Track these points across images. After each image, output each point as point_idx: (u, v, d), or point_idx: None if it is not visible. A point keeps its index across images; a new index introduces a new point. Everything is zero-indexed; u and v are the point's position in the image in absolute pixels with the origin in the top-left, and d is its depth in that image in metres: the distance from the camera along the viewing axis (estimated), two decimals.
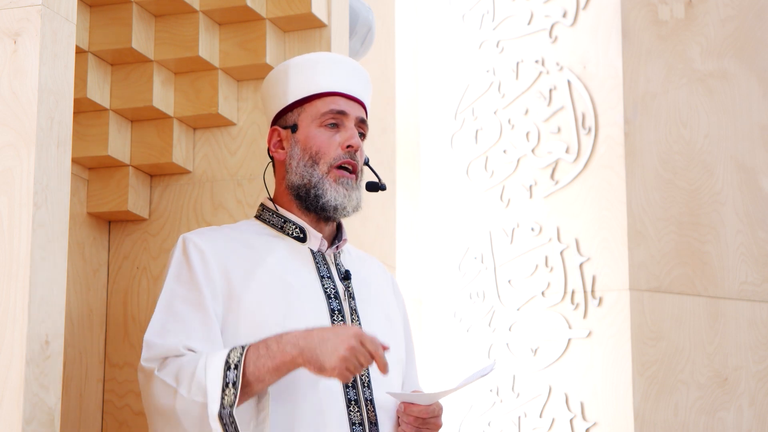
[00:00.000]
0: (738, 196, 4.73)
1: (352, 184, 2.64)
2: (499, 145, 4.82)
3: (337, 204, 2.62)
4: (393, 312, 2.76)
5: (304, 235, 2.66)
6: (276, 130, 2.72)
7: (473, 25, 4.93)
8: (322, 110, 2.65)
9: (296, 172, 2.65)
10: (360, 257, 2.79)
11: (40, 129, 2.30)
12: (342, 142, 2.63)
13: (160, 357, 2.48)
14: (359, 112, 2.68)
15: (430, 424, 2.58)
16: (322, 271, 2.64)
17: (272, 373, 2.41)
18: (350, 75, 2.70)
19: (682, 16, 4.75)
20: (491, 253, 4.76)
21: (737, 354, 4.62)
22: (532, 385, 4.59)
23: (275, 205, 2.70)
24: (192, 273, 2.55)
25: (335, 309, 2.60)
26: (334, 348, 2.36)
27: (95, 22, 3.11)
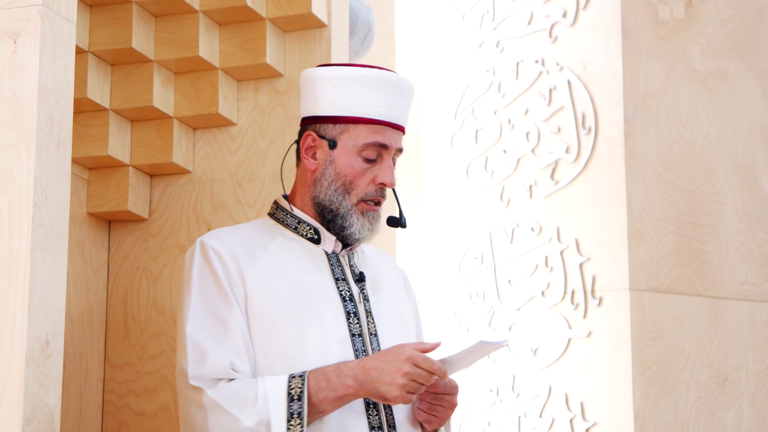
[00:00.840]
0: (738, 196, 4.73)
1: (376, 216, 2.65)
2: (499, 145, 4.82)
3: (361, 237, 2.64)
4: (405, 310, 2.76)
5: (318, 237, 2.66)
6: (311, 135, 2.67)
7: (473, 25, 4.93)
8: (365, 140, 2.61)
9: (325, 192, 2.63)
10: (372, 255, 2.79)
11: (40, 129, 2.30)
12: (375, 178, 2.62)
13: (210, 377, 2.48)
14: (399, 142, 2.65)
15: (444, 401, 2.57)
16: (336, 273, 2.64)
17: (333, 404, 2.46)
18: (399, 99, 2.65)
19: (682, 16, 4.75)
20: (491, 253, 4.76)
21: (737, 354, 4.62)
22: (532, 385, 4.59)
23: (290, 205, 2.69)
24: (218, 282, 2.55)
25: (351, 312, 2.60)
26: (392, 378, 2.42)
27: (95, 22, 3.11)
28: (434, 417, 2.58)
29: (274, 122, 3.23)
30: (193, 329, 2.52)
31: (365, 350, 2.57)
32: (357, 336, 2.58)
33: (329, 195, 2.63)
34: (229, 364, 2.48)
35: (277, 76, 3.24)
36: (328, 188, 2.63)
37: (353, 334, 2.58)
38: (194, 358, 2.49)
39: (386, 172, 2.62)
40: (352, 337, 2.57)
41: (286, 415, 2.42)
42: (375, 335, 2.61)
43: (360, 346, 2.57)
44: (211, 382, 2.48)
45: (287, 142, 3.21)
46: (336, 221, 2.63)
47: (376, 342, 2.60)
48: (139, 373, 3.21)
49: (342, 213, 2.62)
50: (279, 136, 3.22)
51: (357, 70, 2.65)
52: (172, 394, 3.19)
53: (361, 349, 2.57)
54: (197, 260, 2.58)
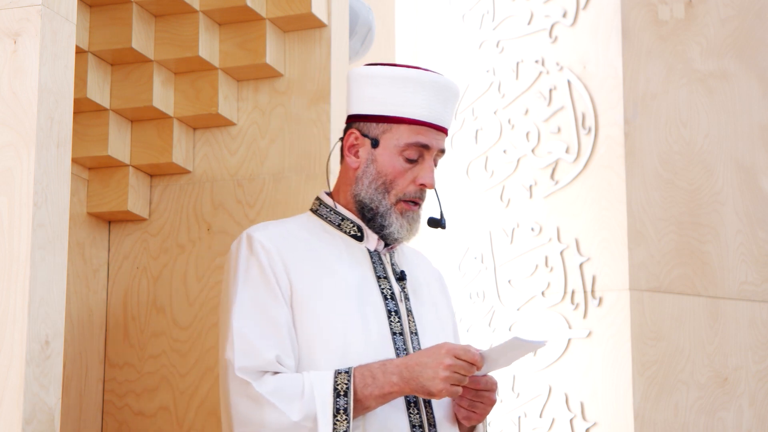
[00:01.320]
0: (738, 196, 4.72)
1: (416, 216, 2.68)
2: (499, 145, 4.82)
3: (400, 237, 2.67)
4: (443, 311, 2.78)
5: (361, 234, 2.67)
6: (354, 133, 2.68)
7: (473, 25, 4.93)
8: (407, 140, 2.63)
9: (366, 190, 2.65)
10: (411, 255, 2.81)
11: (40, 129, 2.30)
12: (416, 179, 2.64)
13: (256, 370, 2.50)
14: (441, 143, 2.67)
15: (483, 398, 2.58)
16: (378, 271, 2.66)
17: (378, 401, 2.49)
18: (444, 101, 2.67)
19: (682, 16, 4.75)
20: (491, 253, 4.76)
21: (737, 354, 4.62)
22: (532, 385, 4.59)
23: (333, 202, 2.70)
24: (264, 275, 2.56)
25: (392, 310, 2.62)
26: (435, 372, 2.45)
27: (95, 22, 3.11)
28: (474, 413, 2.59)
29: (274, 122, 3.23)
30: (240, 322, 2.53)
31: (406, 349, 2.59)
32: (398, 335, 2.60)
33: (370, 193, 2.65)
34: (275, 358, 2.50)
35: (277, 76, 3.24)
36: (369, 186, 2.65)
37: (394, 332, 2.60)
38: (241, 350, 2.51)
39: (427, 172, 2.65)
40: (393, 336, 2.59)
41: (332, 410, 2.44)
42: (415, 334, 2.63)
43: (401, 344, 2.59)
44: (257, 375, 2.49)
45: (287, 142, 3.21)
46: (376, 220, 2.65)
47: (417, 341, 2.62)
48: (139, 373, 3.21)
49: (381, 212, 2.64)
50: (279, 136, 3.22)
51: (401, 70, 2.67)
52: (172, 394, 3.19)
53: (402, 348, 2.59)
54: (243, 253, 2.60)
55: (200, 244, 3.22)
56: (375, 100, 2.66)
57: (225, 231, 3.20)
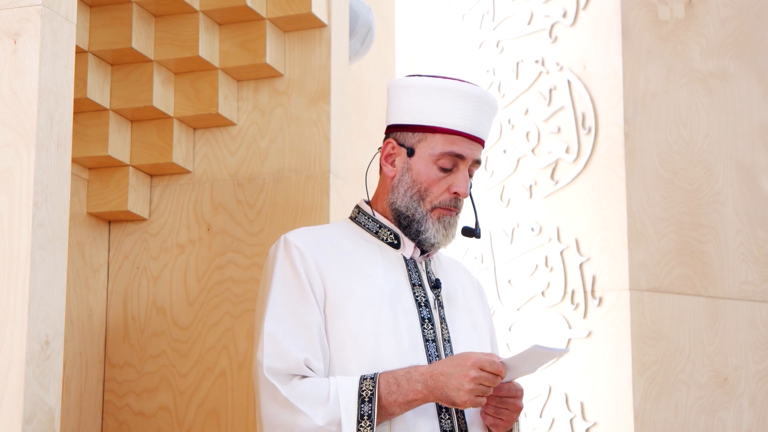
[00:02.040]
0: (738, 196, 4.72)
1: (452, 221, 2.68)
2: (499, 145, 4.82)
3: (436, 242, 2.67)
4: (479, 319, 2.78)
5: (398, 242, 2.69)
6: (391, 143, 2.70)
7: (473, 25, 4.93)
8: (442, 149, 2.64)
9: (401, 198, 2.67)
10: (448, 264, 2.82)
11: (40, 129, 2.30)
12: (450, 187, 2.65)
13: (284, 373, 2.52)
14: (476, 154, 2.68)
15: (509, 404, 2.59)
16: (413, 278, 2.67)
17: (402, 407, 2.50)
18: (480, 112, 2.68)
19: (682, 16, 4.75)
20: (491, 253, 4.76)
21: (737, 354, 4.62)
22: (532, 385, 4.59)
23: (372, 210, 2.72)
24: (299, 280, 2.58)
25: (425, 317, 2.63)
26: (460, 383, 2.46)
27: (95, 22, 3.11)
28: (501, 421, 2.61)
29: (274, 122, 3.23)
30: (271, 325, 2.56)
31: (438, 356, 2.61)
32: (431, 341, 2.61)
33: (405, 201, 2.66)
34: (303, 361, 2.52)
35: (277, 76, 3.24)
36: (405, 195, 2.67)
37: (427, 339, 2.61)
38: (270, 352, 2.53)
39: (461, 182, 2.65)
40: (426, 343, 2.61)
41: (357, 416, 2.46)
42: (448, 341, 2.64)
43: (433, 351, 2.60)
44: (285, 378, 2.51)
45: (287, 142, 3.21)
46: (412, 226, 2.66)
47: (450, 348, 2.64)
48: (139, 373, 3.21)
49: (417, 218, 2.66)
50: (279, 136, 3.22)
51: (438, 81, 2.68)
52: (172, 394, 3.19)
53: (434, 355, 2.60)
54: (280, 256, 2.62)
55: (200, 244, 3.22)
56: (412, 110, 2.68)
57: (225, 231, 3.20)
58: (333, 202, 3.15)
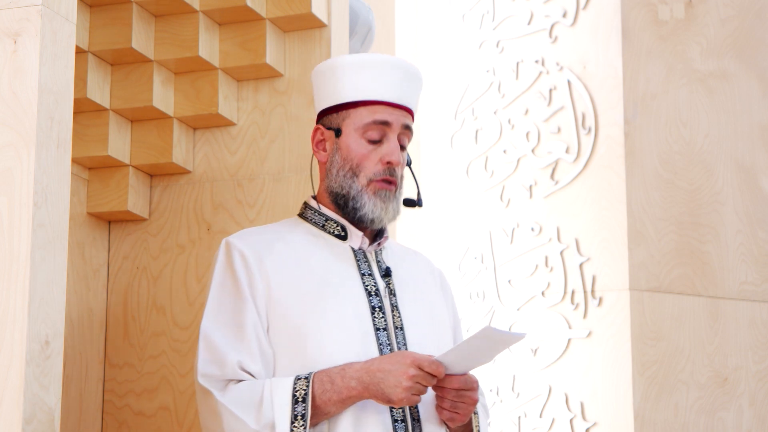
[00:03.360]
0: (738, 196, 4.72)
1: (390, 195, 2.64)
2: (499, 145, 4.82)
3: (375, 216, 2.63)
4: (438, 308, 2.76)
5: (345, 234, 2.67)
6: (319, 129, 2.70)
7: (473, 25, 4.93)
8: (366, 120, 2.62)
9: (335, 179, 2.65)
10: (404, 254, 2.79)
11: (40, 129, 2.30)
12: (382, 157, 2.62)
13: (220, 379, 2.50)
14: (404, 119, 2.65)
15: (464, 397, 2.57)
16: (362, 268, 2.65)
17: (337, 406, 2.48)
18: (400, 80, 2.66)
19: (682, 16, 4.75)
20: (491, 253, 4.76)
21: (737, 354, 4.62)
22: (532, 385, 4.59)
23: (317, 204, 2.70)
24: (236, 282, 2.57)
25: (376, 306, 2.61)
26: (397, 381, 2.44)
27: (95, 22, 3.11)
28: (457, 414, 2.58)
29: (274, 122, 3.23)
30: (208, 327, 2.55)
31: (390, 344, 2.58)
32: (382, 330, 2.59)
33: (339, 181, 2.64)
34: (237, 364, 2.50)
35: (277, 76, 3.24)
36: (338, 175, 2.64)
37: (378, 328, 2.59)
38: (205, 358, 2.52)
39: (391, 149, 2.62)
40: (377, 331, 2.58)
41: (290, 417, 2.44)
42: (401, 329, 2.62)
43: (384, 340, 2.58)
44: (220, 384, 2.50)
45: (287, 142, 3.21)
46: (349, 204, 2.63)
47: (402, 335, 2.61)
48: (139, 373, 3.21)
49: (353, 194, 2.63)
50: (279, 136, 3.22)
51: (353, 56, 2.68)
52: (172, 394, 3.19)
53: (385, 343, 2.58)
54: (220, 260, 2.61)
55: (200, 244, 3.22)
56: (334, 91, 2.67)
57: (225, 231, 3.20)
58: None
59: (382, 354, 2.56)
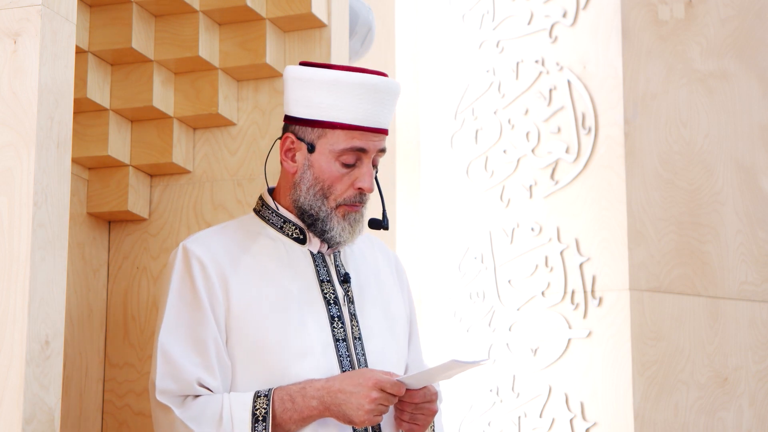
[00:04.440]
0: (738, 196, 4.72)
1: (358, 217, 2.62)
2: (499, 145, 4.82)
3: (341, 240, 2.62)
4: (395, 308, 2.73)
5: (303, 237, 2.65)
6: (289, 138, 2.65)
7: (473, 25, 4.93)
8: (342, 145, 2.58)
9: (304, 196, 2.61)
10: (359, 250, 2.75)
11: (40, 129, 2.30)
12: (354, 183, 2.59)
13: (177, 394, 2.48)
14: (379, 144, 2.61)
15: (424, 410, 2.55)
16: (321, 274, 2.62)
17: (298, 424, 2.47)
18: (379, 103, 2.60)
19: (682, 16, 4.75)
20: (491, 253, 4.76)
21: (737, 354, 4.62)
22: (532, 385, 4.59)
23: (275, 203, 2.68)
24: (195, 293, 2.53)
25: (335, 315, 2.59)
26: (359, 404, 2.43)
27: (95, 22, 3.11)
28: (416, 426, 2.57)
29: (274, 122, 3.23)
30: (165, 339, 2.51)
31: (349, 355, 2.56)
32: (341, 341, 2.57)
33: (308, 199, 2.61)
34: (195, 380, 2.47)
35: (277, 76, 3.24)
36: (308, 193, 2.61)
37: (337, 339, 2.57)
38: (163, 372, 2.49)
39: (365, 177, 2.58)
40: (336, 342, 2.56)
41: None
42: (359, 339, 2.60)
43: (344, 351, 2.56)
44: (178, 400, 2.48)
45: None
46: (317, 225, 2.61)
47: (360, 346, 2.59)
48: (139, 373, 3.21)
49: (322, 217, 2.60)
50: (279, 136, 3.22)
51: (333, 73, 2.61)
52: None
53: (345, 355, 2.56)
54: (178, 267, 2.57)
55: None
56: (309, 103, 2.61)
57: None
58: None
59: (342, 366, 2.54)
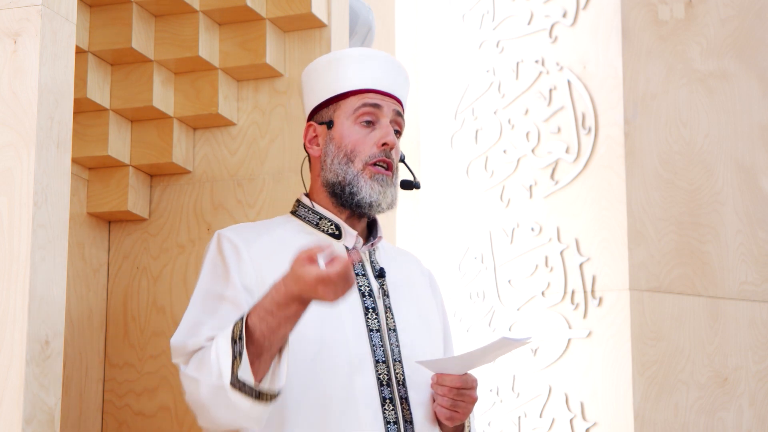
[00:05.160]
0: (738, 196, 4.73)
1: (387, 180, 2.62)
2: (499, 145, 4.82)
3: (372, 200, 2.61)
4: (429, 309, 2.74)
5: (339, 232, 2.66)
6: (311, 126, 2.69)
7: (473, 25, 4.93)
8: (356, 105, 2.62)
9: (331, 169, 2.63)
10: (396, 254, 2.78)
11: (40, 129, 2.30)
12: (377, 140, 2.61)
13: (187, 353, 2.47)
14: (394, 106, 2.66)
15: (465, 396, 2.56)
16: (356, 268, 2.63)
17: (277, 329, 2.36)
18: (386, 71, 2.67)
19: (682, 16, 4.75)
20: (491, 253, 4.76)
21: (737, 354, 4.62)
22: (532, 385, 4.59)
23: (311, 202, 2.69)
24: (226, 269, 2.54)
25: (369, 307, 2.60)
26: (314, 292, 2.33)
27: (95, 22, 3.12)
28: (456, 413, 2.57)
29: (274, 122, 3.23)
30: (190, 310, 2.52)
31: (383, 345, 2.57)
32: (375, 331, 2.58)
33: (335, 168, 2.63)
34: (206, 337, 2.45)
35: (277, 76, 3.24)
36: (333, 163, 2.63)
37: (371, 329, 2.58)
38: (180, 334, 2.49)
39: (385, 131, 2.62)
40: (370, 333, 2.57)
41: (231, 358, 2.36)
42: (394, 330, 2.60)
43: (378, 341, 2.57)
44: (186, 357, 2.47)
45: (287, 142, 3.21)
46: (345, 190, 2.61)
47: (395, 337, 2.60)
48: (139, 373, 3.21)
49: (349, 179, 2.61)
50: (279, 136, 3.22)
51: (337, 52, 2.70)
52: (172, 394, 3.19)
53: (378, 345, 2.57)
54: (211, 250, 2.59)
55: (200, 244, 3.22)
56: (320, 88, 2.68)
57: None
58: None
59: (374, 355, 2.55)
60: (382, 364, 2.55)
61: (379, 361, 2.55)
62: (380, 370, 2.54)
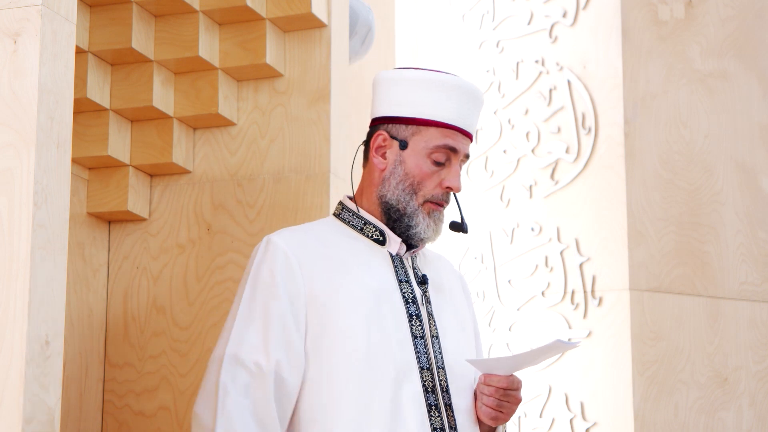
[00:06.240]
0: (738, 196, 4.73)
1: (441, 216, 2.69)
2: (499, 145, 4.82)
3: (425, 237, 2.68)
4: (464, 314, 2.78)
5: (383, 238, 2.67)
6: (382, 135, 2.68)
7: (473, 25, 4.93)
8: (436, 142, 2.63)
9: (393, 191, 2.66)
10: (434, 259, 2.81)
11: (40, 129, 2.30)
12: (443, 183, 2.65)
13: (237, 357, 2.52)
14: (467, 148, 2.68)
15: (510, 397, 2.60)
16: (400, 275, 2.66)
17: None
18: (472, 107, 2.68)
19: (682, 16, 4.75)
20: (491, 253, 4.76)
21: (737, 354, 4.62)
22: (532, 385, 4.59)
23: (357, 206, 2.70)
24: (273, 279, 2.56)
25: (413, 314, 2.62)
26: None
27: (95, 22, 3.12)
28: (501, 413, 2.61)
29: (274, 122, 3.23)
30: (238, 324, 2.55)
31: (427, 353, 2.59)
32: (419, 338, 2.60)
33: (397, 194, 2.65)
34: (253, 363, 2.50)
35: (277, 76, 3.24)
36: (396, 188, 2.65)
37: (415, 336, 2.60)
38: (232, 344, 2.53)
39: (454, 176, 2.65)
40: (414, 339, 2.60)
41: None
42: (437, 337, 2.63)
43: (422, 348, 2.59)
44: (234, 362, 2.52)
45: (287, 142, 3.21)
46: (402, 220, 2.65)
47: (438, 344, 2.63)
48: (139, 373, 3.21)
49: (409, 212, 2.65)
50: (279, 136, 3.22)
51: (432, 74, 2.68)
52: (172, 394, 3.19)
53: (423, 352, 2.59)
54: (259, 257, 2.61)
55: (200, 244, 3.22)
56: (404, 102, 2.67)
57: (225, 231, 3.20)
58: (333, 202, 3.15)
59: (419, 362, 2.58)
60: (426, 371, 2.58)
61: (423, 368, 2.58)
62: (425, 377, 2.57)
